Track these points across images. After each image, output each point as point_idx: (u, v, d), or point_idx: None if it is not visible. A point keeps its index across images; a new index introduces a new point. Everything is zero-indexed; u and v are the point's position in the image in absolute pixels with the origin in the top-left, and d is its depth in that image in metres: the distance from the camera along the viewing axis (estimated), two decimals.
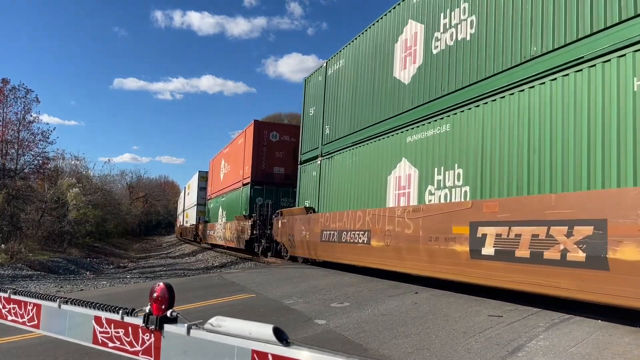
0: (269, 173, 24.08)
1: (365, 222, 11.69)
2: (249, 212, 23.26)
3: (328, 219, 13.88)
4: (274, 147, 24.22)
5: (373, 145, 12.53)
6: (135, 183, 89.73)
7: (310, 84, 18.05)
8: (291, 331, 4.99)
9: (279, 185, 24.06)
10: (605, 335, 5.71)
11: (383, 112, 12.25)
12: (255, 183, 23.91)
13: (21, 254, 20.35)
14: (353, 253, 12.20)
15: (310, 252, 15.16)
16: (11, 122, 30.92)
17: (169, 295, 2.03)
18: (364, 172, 12.95)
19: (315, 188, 16.18)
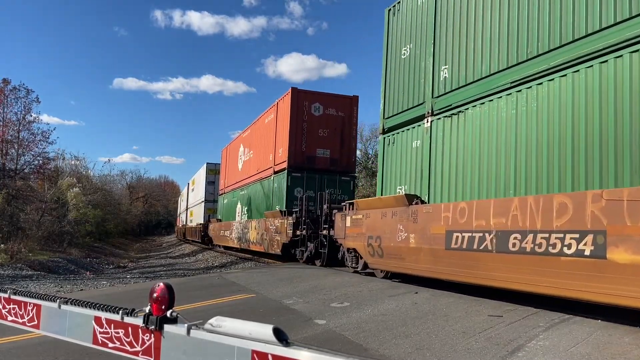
0: (311, 157, 18.93)
1: (587, 215, 6.22)
2: (285, 207, 18.54)
3: (465, 213, 8.40)
4: (316, 124, 19.03)
5: (568, 79, 7.29)
6: (135, 183, 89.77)
7: (402, 12, 12.57)
8: (291, 331, 5.00)
9: (323, 172, 19.09)
10: (605, 335, 5.71)
11: None
12: (293, 169, 18.80)
13: (21, 254, 20.35)
14: (548, 274, 6.70)
15: (418, 264, 9.66)
16: (11, 122, 30.95)
17: (169, 295, 2.03)
18: (545, 128, 7.58)
19: (419, 165, 10.88)
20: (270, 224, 19.64)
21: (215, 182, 37.59)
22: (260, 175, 22.75)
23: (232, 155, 30.36)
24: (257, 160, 23.77)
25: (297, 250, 17.64)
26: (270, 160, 21.32)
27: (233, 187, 28.99)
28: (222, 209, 32.16)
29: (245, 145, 26.93)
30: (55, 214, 31.25)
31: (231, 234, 27.41)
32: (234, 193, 28.55)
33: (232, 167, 29.95)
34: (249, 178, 24.99)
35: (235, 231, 26.29)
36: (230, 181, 30.19)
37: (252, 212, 23.96)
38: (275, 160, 20.58)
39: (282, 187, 19.14)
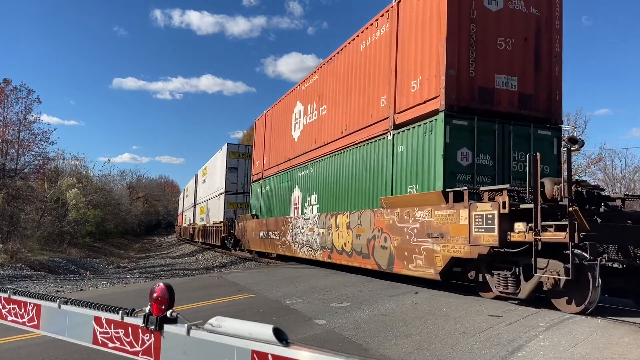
0: (485, 90, 10.45)
1: None
2: (443, 184, 9.77)
3: None
4: (492, 27, 10.56)
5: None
6: (135, 183, 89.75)
7: None
8: (291, 331, 5.00)
9: (506, 117, 10.58)
10: (605, 335, 5.71)
11: None
12: (455, 112, 10.13)
13: (21, 254, 20.35)
14: None
15: None
16: (12, 122, 30.96)
17: (169, 295, 2.03)
18: None
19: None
20: (410, 218, 10.12)
21: (240, 167, 30.13)
22: (355, 137, 13.63)
23: (278, 123, 21.12)
24: (342, 115, 14.51)
25: (503, 277, 8.13)
26: (384, 107, 12.14)
27: (283, 167, 19.78)
28: (259, 201, 22.82)
29: (307, 100, 17.77)
30: (55, 214, 31.25)
31: (286, 236, 18.00)
32: (285, 176, 19.44)
33: (278, 140, 20.93)
34: (320, 149, 16.14)
35: (299, 232, 16.88)
36: (275, 160, 20.99)
37: (329, 202, 15.03)
38: (402, 102, 11.54)
39: (432, 148, 10.32)
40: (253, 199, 24.50)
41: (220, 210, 31.10)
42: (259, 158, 23.98)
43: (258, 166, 24.07)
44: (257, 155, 24.53)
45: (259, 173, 23.54)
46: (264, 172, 22.63)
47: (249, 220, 23.75)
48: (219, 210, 31.34)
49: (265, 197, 22.22)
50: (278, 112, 21.64)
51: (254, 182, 24.43)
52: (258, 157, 24.35)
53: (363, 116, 13.28)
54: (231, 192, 30.27)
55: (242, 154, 30.86)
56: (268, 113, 23.24)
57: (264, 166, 22.79)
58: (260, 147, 24.16)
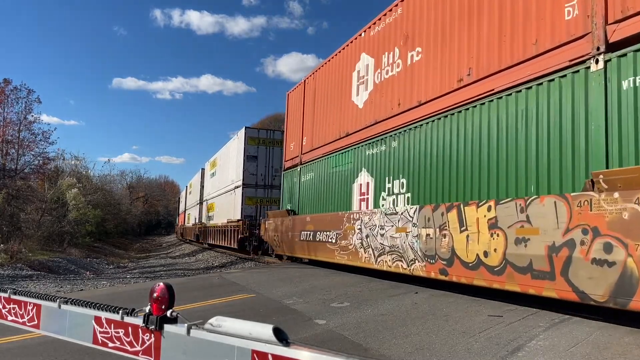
0: None
1: None
2: None
3: None
4: None
5: None
6: (135, 183, 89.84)
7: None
8: (291, 331, 5.00)
9: None
10: (605, 335, 5.71)
11: None
12: None
13: (21, 254, 20.36)
14: None
15: None
16: (12, 122, 31.00)
17: (169, 295, 2.03)
18: None
19: None
20: None
21: (261, 156, 25.69)
22: (493, 83, 8.73)
23: (327, 90, 15.91)
24: (459, 55, 9.70)
25: None
26: (575, 18, 7.30)
27: (337, 146, 14.72)
28: (296, 193, 17.86)
29: (381, 49, 12.85)
30: (55, 214, 31.26)
31: (348, 238, 12.78)
32: (342, 157, 14.29)
33: (328, 112, 15.69)
34: (408, 113, 11.14)
35: (374, 234, 11.58)
36: (323, 138, 15.86)
37: (433, 188, 10.05)
38: None
39: None
40: (286, 191, 19.31)
41: (236, 207, 26.47)
42: (295, 139, 18.66)
43: (293, 150, 18.69)
44: (292, 136, 19.13)
45: (295, 158, 18.38)
46: (303, 155, 17.47)
47: (281, 218, 18.39)
48: (235, 206, 26.82)
49: (306, 187, 16.94)
50: (327, 75, 16.16)
51: (288, 170, 19.23)
52: (293, 139, 18.94)
53: (513, 45, 8.25)
54: (250, 185, 25.59)
55: (263, 139, 26.03)
56: (309, 80, 17.73)
57: (303, 149, 17.58)
58: (296, 125, 18.67)
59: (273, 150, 25.76)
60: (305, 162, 17.28)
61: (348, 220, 12.99)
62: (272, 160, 25.77)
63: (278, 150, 25.07)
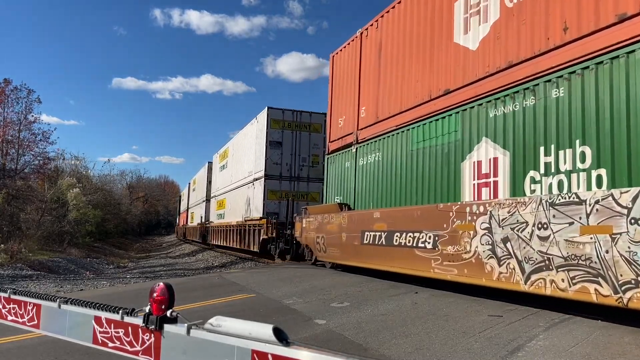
0: None
1: None
2: None
3: None
4: None
5: None
6: (135, 183, 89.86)
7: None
8: (291, 331, 5.00)
9: None
10: (605, 335, 5.71)
11: None
12: None
13: (21, 254, 20.36)
14: None
15: None
16: (12, 122, 31.02)
17: (169, 295, 2.03)
18: None
19: None
20: None
21: (286, 142, 21.90)
22: None
23: (412, 35, 11.53)
24: None
25: None
26: None
27: (427, 110, 10.59)
28: (350, 182, 13.99)
29: None
30: (55, 214, 31.28)
31: (463, 243, 8.40)
32: (437, 126, 10.25)
33: (409, 68, 11.50)
34: (611, 32, 6.59)
35: (528, 238, 7.15)
36: (398, 103, 11.79)
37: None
38: None
39: None
40: (332, 180, 15.40)
41: (255, 203, 22.66)
42: (346, 112, 14.60)
43: (344, 126, 14.72)
44: (341, 108, 15.12)
45: (347, 136, 14.29)
46: (362, 132, 13.41)
47: (328, 214, 14.07)
48: (254, 202, 23.07)
49: (367, 173, 12.98)
50: (402, 18, 11.93)
51: (335, 152, 15.29)
52: (342, 112, 14.94)
53: None
54: (273, 176, 21.69)
55: (289, 122, 21.98)
56: (370, 32, 13.56)
57: (361, 122, 13.52)
58: (347, 94, 14.64)
59: (300, 135, 21.92)
60: (366, 140, 13.12)
61: (459, 216, 8.48)
62: (299, 147, 21.98)
63: (306, 136, 22.04)
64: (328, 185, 15.71)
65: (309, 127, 22.14)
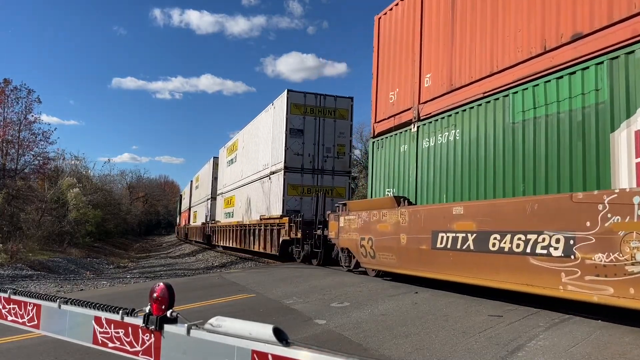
0: None
1: None
2: None
3: None
4: None
5: None
6: (135, 183, 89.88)
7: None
8: (291, 331, 5.00)
9: None
10: (605, 335, 5.71)
11: None
12: None
13: (21, 254, 20.37)
14: None
15: None
16: (12, 122, 31.02)
17: (169, 295, 2.03)
18: None
19: None
20: None
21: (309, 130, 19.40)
22: None
23: None
24: None
25: None
26: None
27: (532, 71, 7.99)
28: (416, 168, 11.17)
29: None
30: (55, 214, 31.29)
31: (628, 250, 5.55)
32: (575, 82, 7.25)
33: (503, 14, 8.79)
34: None
35: None
36: (486, 64, 9.14)
37: None
38: None
39: None
40: (380, 169, 12.76)
41: (274, 199, 20.10)
42: (401, 84, 12.03)
43: (397, 101, 12.15)
44: (392, 80, 12.44)
45: (403, 113, 11.77)
46: (426, 106, 10.92)
47: (379, 210, 11.19)
48: (271, 198, 20.52)
49: (437, 157, 10.42)
50: None
51: (383, 135, 12.66)
52: (395, 84, 12.31)
53: None
54: (294, 169, 19.19)
55: (311, 108, 19.34)
56: None
57: (424, 95, 11.05)
58: (402, 62, 12.11)
59: (324, 122, 19.55)
60: (432, 116, 10.56)
61: (617, 211, 5.83)
62: (322, 136, 19.54)
63: (330, 123, 19.68)
64: (375, 176, 12.95)
65: (334, 113, 19.59)
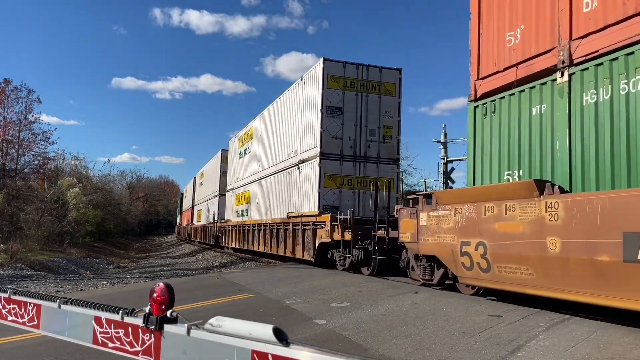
0: None
1: None
2: None
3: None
4: None
5: None
6: (135, 183, 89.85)
7: None
8: (291, 331, 5.00)
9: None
10: (605, 335, 5.71)
11: None
12: None
13: (21, 254, 20.36)
14: None
15: None
16: (12, 122, 31.02)
17: (169, 295, 2.03)
18: None
19: None
20: None
21: (348, 108, 16.04)
22: None
23: None
24: None
25: None
26: None
27: None
28: (589, 133, 7.16)
29: None
30: (55, 214, 31.28)
31: None
32: None
33: None
34: None
35: None
36: None
37: None
38: None
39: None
40: (491, 144, 9.19)
41: (306, 193, 16.68)
42: (527, 19, 8.53)
43: (521, 45, 8.65)
44: (508, 17, 9.01)
45: (536, 59, 8.33)
46: (583, 43, 7.42)
47: (502, 202, 7.71)
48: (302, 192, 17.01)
49: (610, 120, 6.87)
50: None
51: (487, 98, 9.40)
52: (513, 22, 8.86)
53: None
54: (332, 155, 15.71)
55: (352, 81, 15.96)
56: None
57: (576, 27, 7.57)
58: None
59: (367, 99, 16.02)
60: (600, 55, 7.15)
61: None
62: (365, 116, 15.99)
63: (375, 100, 16.04)
64: (482, 153, 9.46)
65: (379, 88, 16.23)
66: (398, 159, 16.70)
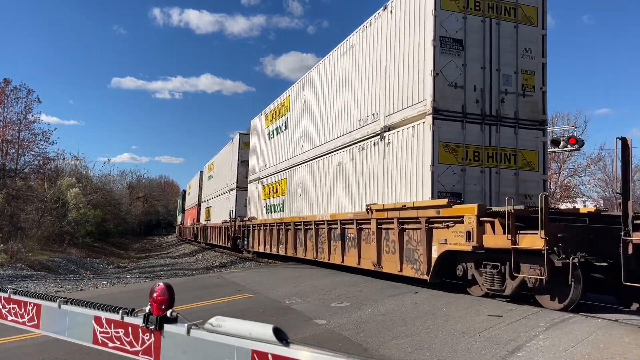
0: None
1: None
2: None
3: None
4: None
5: None
6: (135, 183, 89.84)
7: None
8: (291, 331, 5.00)
9: None
10: (605, 335, 5.71)
11: None
12: None
13: (21, 254, 20.35)
14: None
15: None
16: (12, 122, 31.03)
17: (169, 295, 2.03)
18: None
19: None
20: None
21: (472, 42, 10.48)
22: None
23: None
24: None
25: None
26: None
27: None
28: None
29: None
30: (55, 214, 31.27)
31: None
32: None
33: None
34: None
35: None
36: None
37: None
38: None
39: None
40: None
41: (403, 173, 10.86)
42: None
43: None
44: None
45: None
46: None
47: None
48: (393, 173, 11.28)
49: None
50: None
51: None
52: None
53: None
54: (451, 114, 10.25)
55: (477, 2, 10.69)
56: None
57: None
58: None
59: (499, 28, 10.82)
60: None
61: None
62: (497, 55, 10.77)
63: (509, 30, 10.87)
64: None
65: (515, 13, 10.97)
66: (544, 122, 11.10)
